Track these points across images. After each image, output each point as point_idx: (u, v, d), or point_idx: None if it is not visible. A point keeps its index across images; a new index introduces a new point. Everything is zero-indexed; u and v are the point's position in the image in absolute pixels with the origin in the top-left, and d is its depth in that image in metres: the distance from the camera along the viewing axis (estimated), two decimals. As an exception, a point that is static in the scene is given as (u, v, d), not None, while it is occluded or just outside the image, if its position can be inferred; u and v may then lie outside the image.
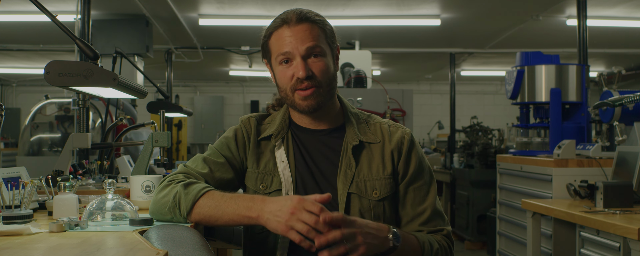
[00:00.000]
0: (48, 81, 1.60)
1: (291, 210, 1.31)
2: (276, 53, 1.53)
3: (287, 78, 1.52)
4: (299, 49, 1.49)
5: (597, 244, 2.55)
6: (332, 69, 1.56)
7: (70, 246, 1.25)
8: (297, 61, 1.50)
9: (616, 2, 5.49)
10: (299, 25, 1.51)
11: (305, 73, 1.48)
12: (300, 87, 1.50)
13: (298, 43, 1.49)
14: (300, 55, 1.50)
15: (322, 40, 1.53)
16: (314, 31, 1.51)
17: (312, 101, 1.51)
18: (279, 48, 1.52)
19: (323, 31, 1.54)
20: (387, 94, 4.77)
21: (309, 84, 1.50)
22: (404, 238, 1.46)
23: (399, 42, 7.58)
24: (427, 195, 1.59)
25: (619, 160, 3.11)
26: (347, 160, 1.56)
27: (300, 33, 1.50)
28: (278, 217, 1.33)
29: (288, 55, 1.51)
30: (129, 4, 5.46)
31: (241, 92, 12.34)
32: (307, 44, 1.49)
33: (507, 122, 9.84)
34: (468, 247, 5.85)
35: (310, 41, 1.50)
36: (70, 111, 4.67)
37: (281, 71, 1.53)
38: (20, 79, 11.21)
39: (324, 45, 1.53)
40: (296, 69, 1.50)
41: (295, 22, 1.51)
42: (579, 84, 3.84)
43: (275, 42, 1.53)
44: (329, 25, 1.57)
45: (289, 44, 1.50)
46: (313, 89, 1.51)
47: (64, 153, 2.60)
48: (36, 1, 1.69)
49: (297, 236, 1.30)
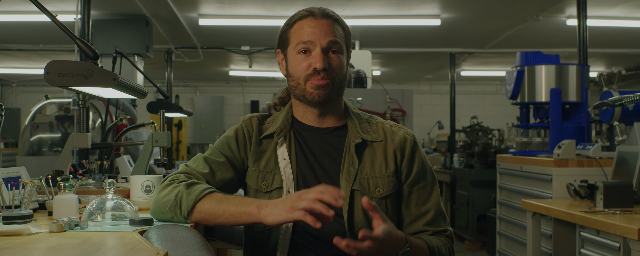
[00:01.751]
0: (48, 81, 1.60)
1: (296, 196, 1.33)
2: (297, 41, 1.56)
3: (303, 67, 1.54)
4: (322, 41, 1.53)
5: (597, 244, 2.55)
6: (345, 69, 1.60)
7: (70, 246, 1.25)
8: (316, 52, 1.53)
9: (616, 2, 5.49)
10: (323, 19, 1.56)
11: (323, 65, 1.52)
12: (315, 78, 1.53)
13: (321, 35, 1.54)
14: (321, 47, 1.53)
15: (341, 38, 1.57)
16: (336, 28, 1.57)
17: (324, 91, 1.54)
18: (300, 37, 1.55)
19: (344, 31, 1.59)
20: (387, 94, 4.77)
21: (324, 76, 1.53)
22: (416, 247, 1.47)
23: (399, 42, 7.58)
24: (430, 195, 1.61)
25: (619, 160, 3.11)
26: (350, 158, 1.57)
27: (324, 26, 1.55)
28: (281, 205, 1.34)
29: (309, 45, 1.54)
30: (129, 4, 5.46)
31: (241, 92, 12.35)
32: (329, 38, 1.54)
33: (507, 122, 9.84)
34: (468, 247, 5.85)
35: (332, 36, 1.54)
36: (70, 111, 4.67)
37: (298, 59, 1.56)
38: (20, 79, 11.21)
39: (342, 43, 1.57)
40: (315, 59, 1.53)
41: (320, 16, 1.56)
42: (579, 84, 3.84)
43: (297, 31, 1.57)
44: (348, 27, 1.62)
45: (312, 34, 1.54)
46: (327, 81, 1.54)
47: (64, 153, 2.60)
48: (36, 1, 1.69)
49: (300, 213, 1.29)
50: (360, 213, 1.53)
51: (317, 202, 1.29)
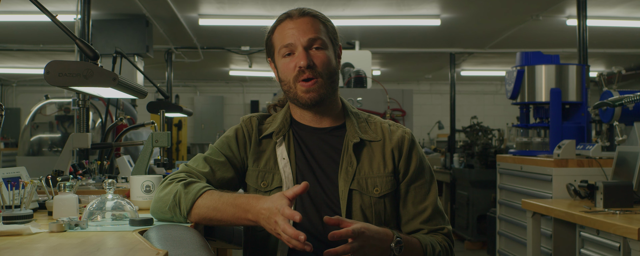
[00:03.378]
0: (48, 81, 1.60)
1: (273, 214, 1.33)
2: (279, 46, 1.56)
3: (290, 69, 1.54)
4: (301, 39, 1.53)
5: (597, 244, 2.55)
6: (334, 64, 1.58)
7: (70, 246, 1.25)
8: (299, 51, 1.53)
9: (616, 2, 5.49)
10: (301, 18, 1.56)
11: (306, 62, 1.51)
12: (302, 77, 1.53)
13: (300, 34, 1.53)
14: (302, 45, 1.53)
15: (323, 34, 1.56)
16: (315, 24, 1.56)
17: (314, 93, 1.53)
18: (281, 41, 1.55)
19: (325, 26, 1.58)
20: (387, 94, 4.77)
21: (310, 74, 1.52)
22: (407, 242, 1.47)
23: (399, 42, 7.58)
24: (428, 194, 1.61)
25: (619, 160, 3.11)
26: (348, 157, 1.57)
27: (303, 25, 1.54)
28: (267, 219, 1.35)
29: (291, 47, 1.54)
30: (129, 4, 5.46)
31: (241, 92, 12.34)
32: (309, 36, 1.53)
33: (507, 122, 9.84)
34: (468, 247, 5.85)
35: (312, 33, 1.54)
36: (70, 111, 4.67)
37: (284, 63, 1.56)
38: (20, 79, 11.20)
39: (325, 38, 1.56)
40: (298, 58, 1.53)
41: (297, 16, 1.56)
42: (579, 84, 3.84)
43: (278, 36, 1.57)
44: (330, 22, 1.61)
45: (291, 36, 1.54)
46: (314, 80, 1.53)
47: (64, 153, 2.60)
48: (36, 1, 1.69)
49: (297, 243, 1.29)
50: (358, 213, 1.53)
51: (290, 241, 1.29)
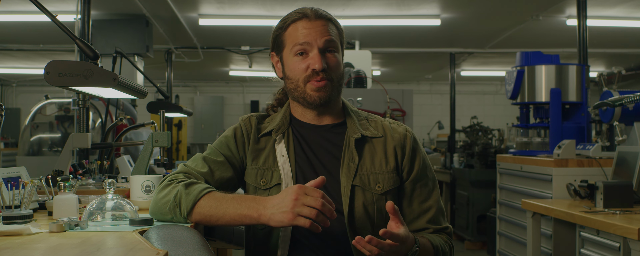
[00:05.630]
0: (48, 81, 1.60)
1: (294, 196, 1.32)
2: (292, 44, 1.56)
3: (301, 69, 1.55)
4: (318, 41, 1.54)
5: (597, 244, 2.55)
6: (342, 66, 1.61)
7: (70, 246, 1.25)
8: (314, 53, 1.54)
9: (616, 2, 5.49)
10: (317, 20, 1.56)
11: (322, 65, 1.52)
12: (314, 79, 1.54)
13: (317, 36, 1.54)
14: (318, 47, 1.54)
15: (336, 37, 1.58)
16: (331, 28, 1.57)
17: (324, 93, 1.55)
18: (296, 39, 1.56)
19: (337, 30, 1.60)
20: (387, 94, 4.77)
21: (323, 76, 1.54)
22: (423, 247, 1.49)
23: (399, 42, 7.58)
24: (432, 192, 1.63)
25: (619, 160, 3.11)
26: (350, 153, 1.58)
27: (319, 27, 1.55)
28: (282, 208, 1.33)
29: (305, 46, 1.54)
30: (129, 4, 5.46)
31: (241, 92, 12.34)
32: (325, 38, 1.55)
33: (507, 122, 9.84)
34: (468, 247, 5.85)
35: (328, 35, 1.55)
36: (70, 111, 4.67)
37: (295, 62, 1.56)
38: (20, 79, 11.20)
39: (337, 41, 1.58)
40: (313, 60, 1.53)
41: (314, 17, 1.56)
42: (579, 84, 3.84)
43: (292, 34, 1.57)
44: (340, 26, 1.63)
45: (307, 35, 1.54)
46: (326, 82, 1.54)
47: (64, 153, 2.60)
48: (36, 1, 1.69)
49: (305, 221, 1.30)
50: (360, 209, 1.53)
51: (319, 214, 1.30)
